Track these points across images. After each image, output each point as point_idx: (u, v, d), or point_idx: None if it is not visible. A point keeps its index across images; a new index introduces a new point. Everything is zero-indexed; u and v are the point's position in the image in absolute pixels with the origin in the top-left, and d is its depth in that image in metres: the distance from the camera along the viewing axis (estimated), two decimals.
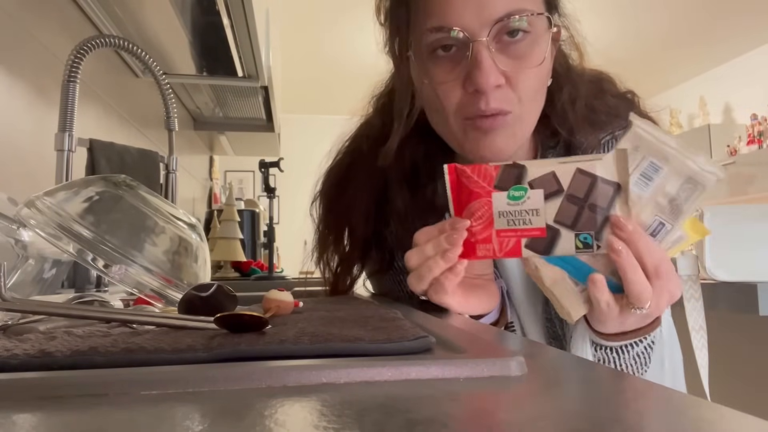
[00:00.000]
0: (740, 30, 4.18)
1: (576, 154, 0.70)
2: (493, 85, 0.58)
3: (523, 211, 0.50)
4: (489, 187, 0.52)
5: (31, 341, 0.30)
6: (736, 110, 4.73)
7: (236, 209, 2.18)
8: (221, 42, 1.50)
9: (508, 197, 0.51)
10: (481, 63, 0.57)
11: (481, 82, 0.58)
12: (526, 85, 0.60)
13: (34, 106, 1.06)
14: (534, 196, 0.50)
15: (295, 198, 5.01)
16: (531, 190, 0.50)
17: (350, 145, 0.82)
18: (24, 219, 0.46)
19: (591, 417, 0.19)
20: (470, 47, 0.58)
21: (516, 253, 0.51)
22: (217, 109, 2.37)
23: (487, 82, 0.58)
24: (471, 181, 0.52)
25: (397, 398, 0.21)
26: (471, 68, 0.58)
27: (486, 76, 0.57)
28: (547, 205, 0.49)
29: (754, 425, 0.18)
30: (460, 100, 0.61)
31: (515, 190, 0.50)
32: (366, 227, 0.76)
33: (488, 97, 0.59)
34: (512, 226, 0.51)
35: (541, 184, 0.50)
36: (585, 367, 0.28)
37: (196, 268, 0.53)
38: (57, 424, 0.19)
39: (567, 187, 0.49)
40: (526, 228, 0.50)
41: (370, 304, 0.57)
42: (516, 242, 0.51)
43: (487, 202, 0.52)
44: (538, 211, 0.50)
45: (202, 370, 0.24)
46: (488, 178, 0.52)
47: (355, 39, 4.06)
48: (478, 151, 0.63)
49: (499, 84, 0.59)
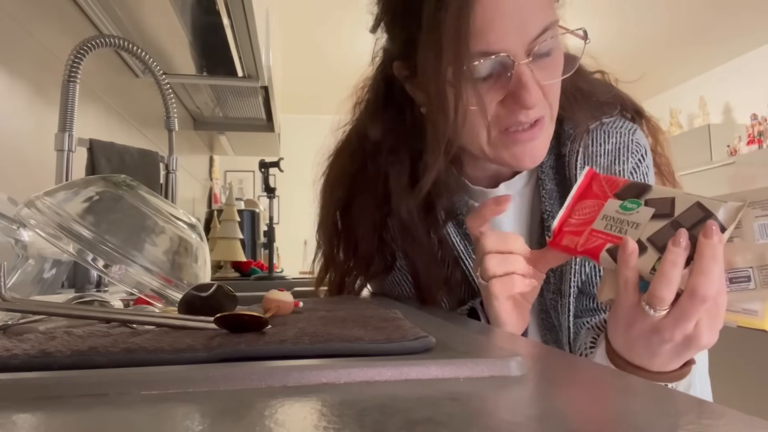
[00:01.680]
0: (740, 30, 4.18)
1: (565, 146, 0.71)
2: (536, 100, 0.59)
3: (626, 221, 0.50)
4: (610, 193, 0.53)
5: (31, 341, 0.30)
6: (736, 110, 4.73)
7: (236, 209, 2.18)
8: (221, 42, 1.50)
9: (620, 206, 0.52)
10: (526, 84, 0.58)
11: (528, 102, 0.58)
12: (555, 92, 0.62)
13: (34, 106, 1.06)
14: (643, 213, 0.50)
15: (295, 198, 5.03)
16: (643, 207, 0.50)
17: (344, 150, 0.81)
18: (24, 219, 0.46)
19: (591, 417, 0.19)
20: (513, 67, 0.58)
21: (594, 254, 0.51)
22: (217, 109, 2.37)
23: (534, 102, 0.58)
24: (599, 185, 0.54)
25: (397, 398, 0.21)
26: (515, 89, 0.58)
27: (533, 97, 0.58)
28: (651, 223, 0.49)
29: (755, 425, 0.18)
30: (497, 113, 0.61)
31: (630, 202, 0.51)
32: (373, 235, 0.76)
33: (529, 111, 0.60)
34: (608, 230, 0.51)
35: (655, 205, 0.49)
36: (585, 367, 0.28)
37: (196, 268, 0.53)
38: (57, 424, 0.19)
39: (677, 214, 0.48)
40: (619, 236, 0.50)
41: (370, 304, 0.57)
42: (601, 245, 0.51)
43: (599, 203, 0.53)
44: (639, 225, 0.49)
45: (202, 370, 0.24)
46: (614, 187, 0.54)
47: (355, 39, 4.06)
48: (520, 163, 0.64)
49: (540, 98, 0.60)
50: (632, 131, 0.73)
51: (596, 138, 0.72)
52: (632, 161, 0.71)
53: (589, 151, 0.71)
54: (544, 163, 0.72)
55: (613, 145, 0.72)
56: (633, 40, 4.29)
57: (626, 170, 0.71)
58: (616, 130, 0.72)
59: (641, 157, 0.72)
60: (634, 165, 0.72)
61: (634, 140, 0.72)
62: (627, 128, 0.73)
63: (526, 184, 0.74)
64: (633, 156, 0.72)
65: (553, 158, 0.72)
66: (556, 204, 0.71)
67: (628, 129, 0.73)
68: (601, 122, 0.72)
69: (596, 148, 0.72)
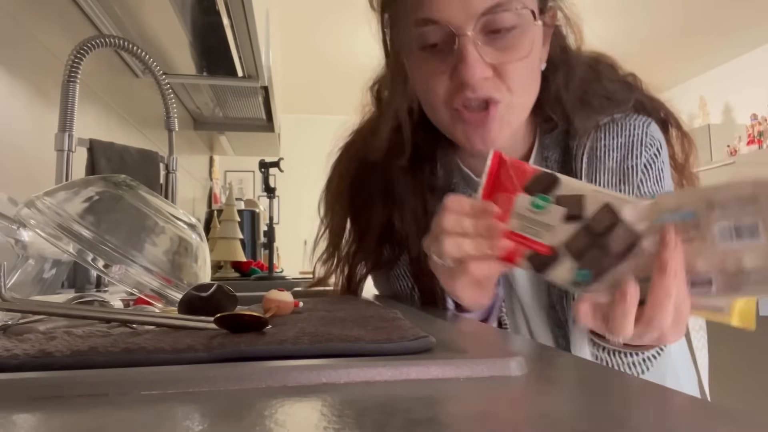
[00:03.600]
0: (740, 30, 4.17)
1: (574, 140, 0.69)
2: (479, 78, 0.59)
3: (539, 221, 0.48)
4: (519, 186, 0.49)
5: (31, 341, 0.30)
6: (736, 110, 4.73)
7: (236, 209, 2.17)
8: (221, 42, 1.50)
9: (531, 203, 0.48)
10: (466, 57, 0.58)
11: (467, 76, 0.58)
12: (514, 75, 0.60)
13: (34, 106, 1.06)
14: (555, 212, 0.47)
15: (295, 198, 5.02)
16: (554, 205, 0.47)
17: (353, 138, 0.82)
18: (24, 219, 0.46)
19: (591, 417, 0.19)
20: (456, 41, 0.58)
21: (512, 259, 0.49)
22: (217, 109, 2.37)
23: (473, 75, 0.58)
24: (506, 174, 0.50)
25: (397, 398, 0.21)
26: (457, 62, 0.59)
27: (472, 70, 0.58)
28: (565, 226, 0.47)
29: (754, 425, 0.18)
30: (447, 90, 0.61)
31: (541, 198, 0.48)
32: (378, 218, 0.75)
33: (475, 87, 0.59)
34: (523, 232, 0.49)
35: (567, 203, 0.47)
36: (585, 367, 0.28)
37: (196, 268, 0.53)
38: (57, 424, 0.19)
39: (589, 217, 0.46)
40: (535, 240, 0.48)
41: (370, 304, 0.57)
42: (517, 250, 0.49)
43: (510, 198, 0.50)
44: (554, 228, 0.47)
45: (202, 370, 0.24)
46: (522, 177, 0.50)
47: (355, 39, 4.06)
48: (471, 144, 0.63)
49: (486, 76, 0.59)
50: (646, 124, 0.70)
51: (608, 132, 0.69)
52: (646, 155, 0.68)
53: (599, 146, 0.69)
54: (549, 157, 0.71)
55: (626, 138, 0.68)
56: (633, 40, 4.29)
57: (639, 165, 0.68)
58: (629, 122, 0.69)
59: (656, 151, 0.69)
60: (648, 159, 0.68)
61: (649, 133, 0.69)
62: (641, 121, 0.70)
63: None
64: (647, 150, 0.68)
65: (560, 152, 0.71)
66: None
67: (641, 122, 0.70)
68: (612, 118, 0.70)
69: (608, 142, 0.69)
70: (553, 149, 0.71)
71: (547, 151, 0.71)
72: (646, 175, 0.68)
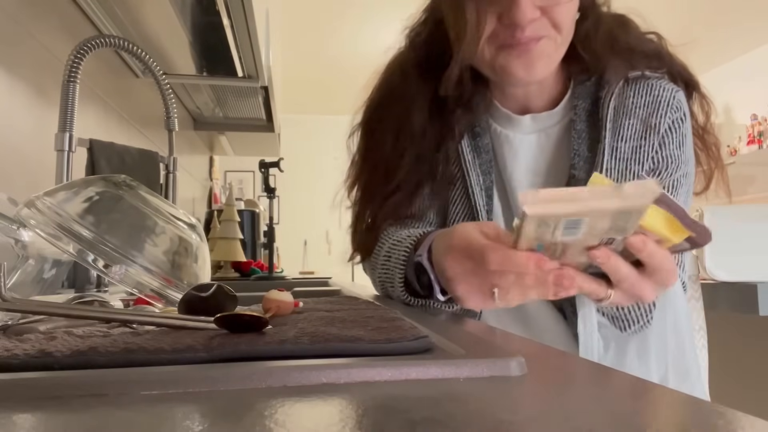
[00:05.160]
0: (740, 30, 4.18)
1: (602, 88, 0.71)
2: (530, 18, 0.63)
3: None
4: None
5: (31, 341, 0.30)
6: (736, 110, 4.73)
7: (236, 209, 2.17)
8: (221, 42, 1.50)
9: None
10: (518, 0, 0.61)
11: (518, 17, 0.62)
12: (559, 15, 0.65)
13: (34, 106, 1.06)
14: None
15: (295, 198, 5.03)
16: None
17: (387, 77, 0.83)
18: (24, 219, 0.46)
19: (591, 417, 0.19)
20: None
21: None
22: (217, 109, 2.37)
23: (524, 16, 0.62)
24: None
25: (397, 398, 0.21)
26: (509, 3, 0.62)
27: (523, 12, 0.62)
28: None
29: (754, 425, 0.18)
30: (495, 30, 0.65)
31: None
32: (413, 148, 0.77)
33: (525, 27, 0.63)
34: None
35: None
36: (585, 367, 0.28)
37: (196, 268, 0.53)
38: (57, 424, 0.19)
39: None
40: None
41: (370, 304, 0.57)
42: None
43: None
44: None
45: (202, 370, 0.24)
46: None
47: (355, 39, 4.06)
48: (512, 72, 0.66)
49: (535, 17, 0.63)
50: (676, 90, 0.73)
51: (638, 90, 0.72)
52: (671, 117, 0.71)
53: (627, 101, 0.71)
54: (578, 106, 0.73)
55: (654, 97, 0.71)
56: None
57: (663, 124, 0.70)
58: (660, 84, 0.72)
59: (682, 116, 0.72)
60: (673, 122, 0.71)
61: (677, 98, 0.72)
62: (671, 87, 0.73)
63: (557, 123, 0.75)
64: (673, 112, 0.71)
65: (590, 102, 0.73)
66: (584, 145, 0.71)
67: (671, 87, 0.73)
68: (644, 74, 0.73)
69: (636, 99, 0.71)
70: (584, 99, 0.73)
71: (577, 100, 0.74)
72: (669, 137, 0.71)
